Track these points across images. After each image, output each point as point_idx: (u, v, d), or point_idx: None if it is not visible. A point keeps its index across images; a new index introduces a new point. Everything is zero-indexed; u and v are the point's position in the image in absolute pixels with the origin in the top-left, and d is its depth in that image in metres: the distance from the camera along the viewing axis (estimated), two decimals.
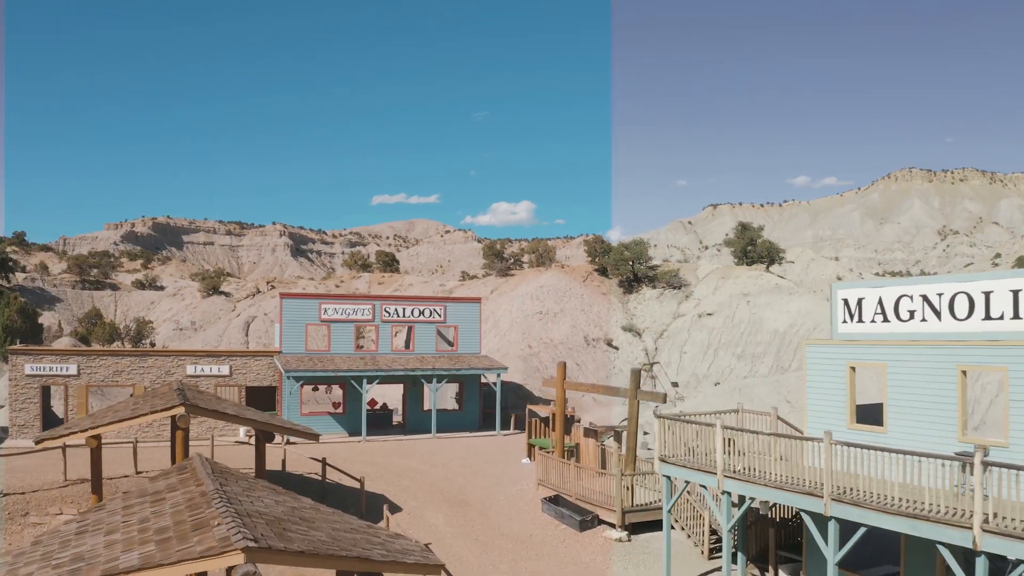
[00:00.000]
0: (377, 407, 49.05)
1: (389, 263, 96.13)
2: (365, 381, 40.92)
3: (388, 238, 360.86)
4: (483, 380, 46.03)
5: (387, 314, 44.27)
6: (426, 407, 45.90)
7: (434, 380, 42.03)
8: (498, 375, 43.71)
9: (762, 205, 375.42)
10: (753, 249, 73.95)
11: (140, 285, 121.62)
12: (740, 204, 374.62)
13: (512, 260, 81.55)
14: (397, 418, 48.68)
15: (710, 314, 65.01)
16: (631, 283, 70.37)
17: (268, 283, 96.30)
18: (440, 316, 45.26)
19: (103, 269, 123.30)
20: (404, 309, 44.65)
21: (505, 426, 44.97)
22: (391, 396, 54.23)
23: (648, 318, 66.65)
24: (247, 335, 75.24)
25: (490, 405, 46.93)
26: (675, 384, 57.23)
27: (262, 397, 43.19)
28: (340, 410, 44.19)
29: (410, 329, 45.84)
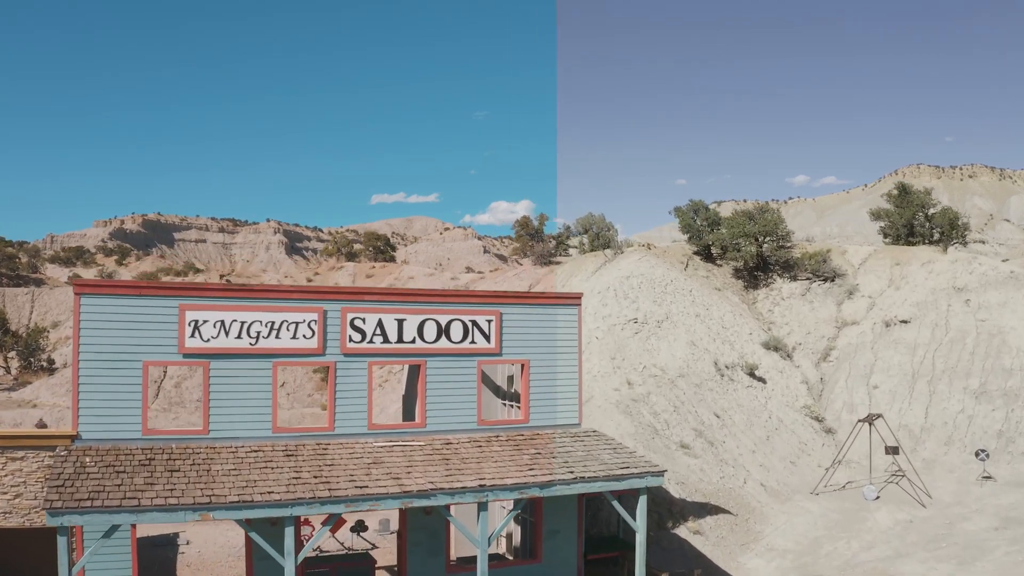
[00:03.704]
0: (345, 528, 21.21)
1: (383, 249, 68.31)
2: (296, 522, 13.39)
3: (386, 235, 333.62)
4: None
5: (358, 336, 16.62)
6: (456, 554, 18.47)
7: (486, 505, 14.59)
8: (643, 490, 16.21)
9: (767, 202, 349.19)
10: (926, 223, 46.54)
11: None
12: (744, 200, 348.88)
13: (554, 242, 54.04)
14: (385, 549, 20.99)
15: (904, 321, 37.57)
16: (754, 273, 42.95)
17: (223, 277, 68.33)
18: (486, 338, 17.57)
19: (33, 261, 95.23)
20: (402, 323, 16.97)
21: None
22: None
23: (797, 328, 39.18)
24: None
25: (601, 545, 19.50)
26: (893, 450, 29.66)
27: (20, 556, 15.62)
28: None
29: (415, 373, 18.13)
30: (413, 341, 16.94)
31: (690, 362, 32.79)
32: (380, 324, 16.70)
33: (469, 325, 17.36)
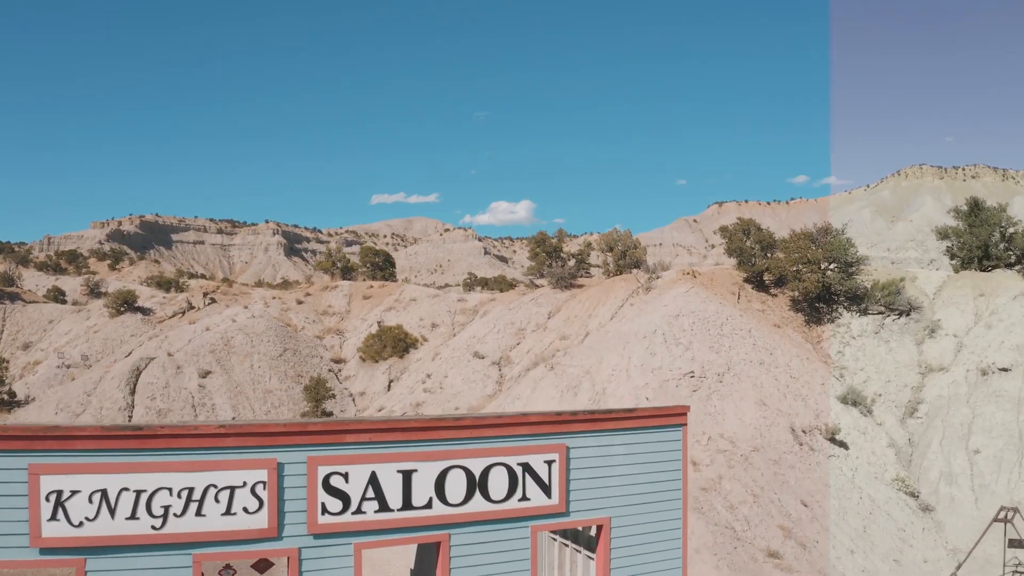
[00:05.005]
0: None
1: (382, 266, 61.68)
2: None
3: (385, 237, 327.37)
4: None
5: (337, 503, 9.97)
6: None
7: None
8: None
9: (768, 203, 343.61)
10: (1005, 247, 39.90)
11: (57, 294, 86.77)
12: (746, 201, 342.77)
13: (575, 260, 47.46)
14: None
15: (1005, 369, 30.96)
16: (815, 304, 36.32)
17: (207, 295, 61.63)
18: (545, 490, 10.99)
19: (9, 274, 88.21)
20: (410, 477, 10.25)
21: None
22: None
23: (874, 375, 32.54)
24: (132, 392, 40.65)
25: None
26: (1020, 544, 23.13)
27: None
28: None
29: (433, 551, 11.44)
30: (428, 505, 10.28)
31: (762, 428, 26.16)
32: (373, 481, 10.04)
33: (518, 471, 10.72)
